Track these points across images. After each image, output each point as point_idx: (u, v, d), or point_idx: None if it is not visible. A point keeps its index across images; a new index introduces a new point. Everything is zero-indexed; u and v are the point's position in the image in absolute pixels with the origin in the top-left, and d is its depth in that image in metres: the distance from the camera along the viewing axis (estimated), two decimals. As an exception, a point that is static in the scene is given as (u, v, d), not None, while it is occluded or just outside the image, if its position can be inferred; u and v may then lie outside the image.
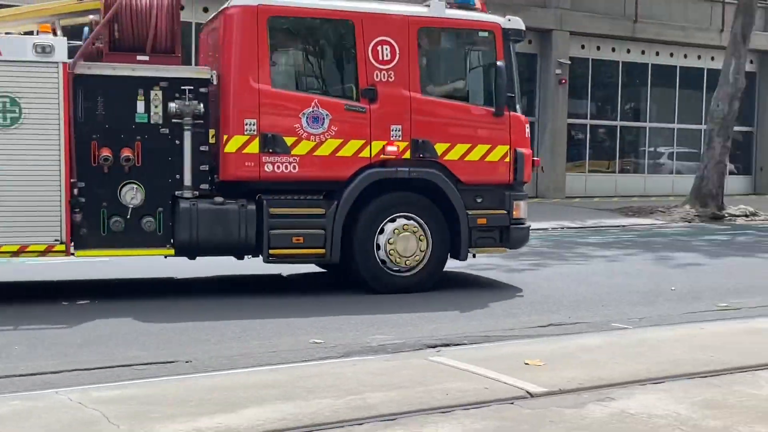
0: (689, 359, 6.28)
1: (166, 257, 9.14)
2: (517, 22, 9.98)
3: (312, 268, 11.01)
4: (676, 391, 5.45)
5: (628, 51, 28.33)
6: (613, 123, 28.86)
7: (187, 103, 8.81)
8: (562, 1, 26.46)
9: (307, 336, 7.42)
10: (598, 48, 27.86)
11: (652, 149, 29.71)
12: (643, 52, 28.56)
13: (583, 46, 27.48)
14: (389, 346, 7.01)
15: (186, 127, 8.87)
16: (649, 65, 28.83)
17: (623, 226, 19.65)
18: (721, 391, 5.48)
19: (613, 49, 28.08)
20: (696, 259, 13.27)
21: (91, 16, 9.39)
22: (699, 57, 29.26)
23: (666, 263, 12.70)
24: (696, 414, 4.99)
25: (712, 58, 28.64)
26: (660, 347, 6.72)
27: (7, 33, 9.05)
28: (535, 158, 10.27)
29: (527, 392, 5.37)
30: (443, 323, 8.06)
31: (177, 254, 9.03)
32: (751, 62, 28.99)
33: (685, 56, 28.81)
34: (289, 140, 9.12)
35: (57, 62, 8.47)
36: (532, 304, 9.08)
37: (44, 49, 8.44)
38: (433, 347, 6.93)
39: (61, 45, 8.53)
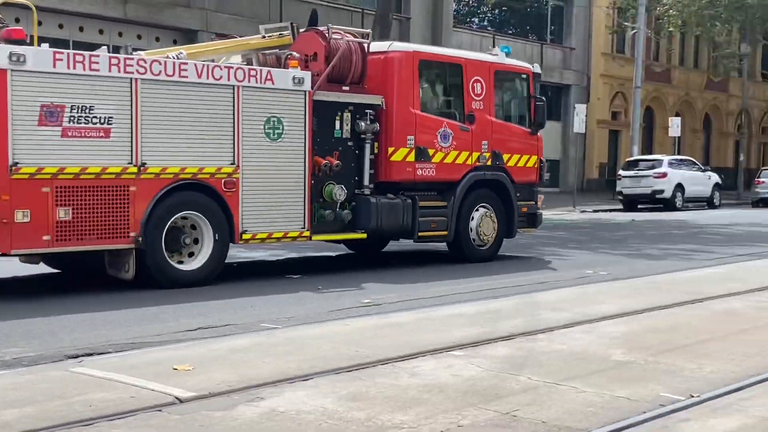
0: (335, 355, 6.53)
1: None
2: (537, 68, 14.28)
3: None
4: (324, 387, 5.64)
5: (276, 54, 28.93)
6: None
7: (368, 122, 11.87)
8: (208, 1, 26.45)
9: (-72, 353, 6.74)
10: (246, 50, 28.20)
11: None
12: (288, 57, 29.32)
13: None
14: (25, 359, 6.56)
15: (366, 141, 11.94)
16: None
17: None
18: (365, 383, 5.76)
19: (262, 52, 28.55)
20: (342, 259, 13.88)
21: (293, 54, 11.55)
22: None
23: (315, 262, 13.13)
24: (342, 407, 5.20)
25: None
26: (308, 345, 6.93)
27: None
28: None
29: (176, 398, 5.28)
30: (86, 332, 7.70)
31: (367, 238, 12.21)
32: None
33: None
34: (430, 152, 12.48)
35: (305, 90, 11.16)
36: (179, 308, 8.96)
37: (299, 81, 11.11)
38: (75, 357, 6.59)
39: (307, 77, 11.21)
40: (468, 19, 41.10)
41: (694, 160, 35.85)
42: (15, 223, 9.05)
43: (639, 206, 31.97)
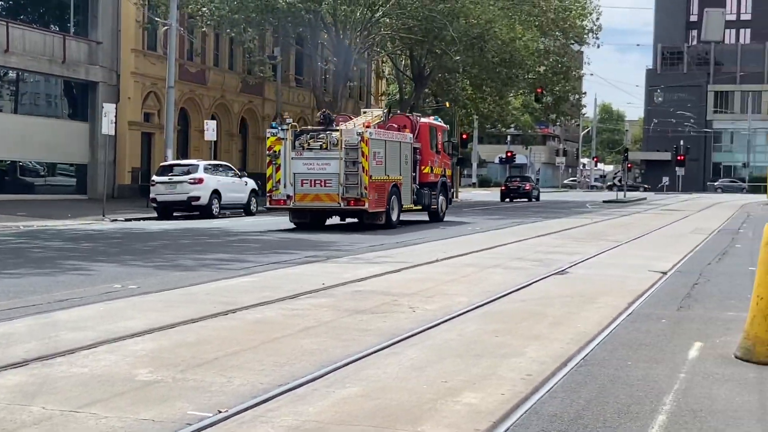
0: None
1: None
2: (448, 126, 36.06)
3: None
4: None
5: None
6: None
7: (417, 156, 29.43)
8: None
9: None
10: None
11: None
12: None
13: None
14: None
15: (417, 164, 29.39)
16: None
17: None
18: None
19: None
20: None
21: (405, 126, 29.75)
22: None
23: None
24: None
25: None
26: None
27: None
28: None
29: None
30: None
31: (422, 210, 29.90)
32: None
33: None
34: (434, 168, 30.54)
35: (410, 143, 28.78)
36: None
37: (410, 138, 28.74)
38: None
39: (411, 136, 28.84)
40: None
41: (230, 165, 37.15)
42: (370, 200, 25.00)
43: (175, 214, 32.39)
